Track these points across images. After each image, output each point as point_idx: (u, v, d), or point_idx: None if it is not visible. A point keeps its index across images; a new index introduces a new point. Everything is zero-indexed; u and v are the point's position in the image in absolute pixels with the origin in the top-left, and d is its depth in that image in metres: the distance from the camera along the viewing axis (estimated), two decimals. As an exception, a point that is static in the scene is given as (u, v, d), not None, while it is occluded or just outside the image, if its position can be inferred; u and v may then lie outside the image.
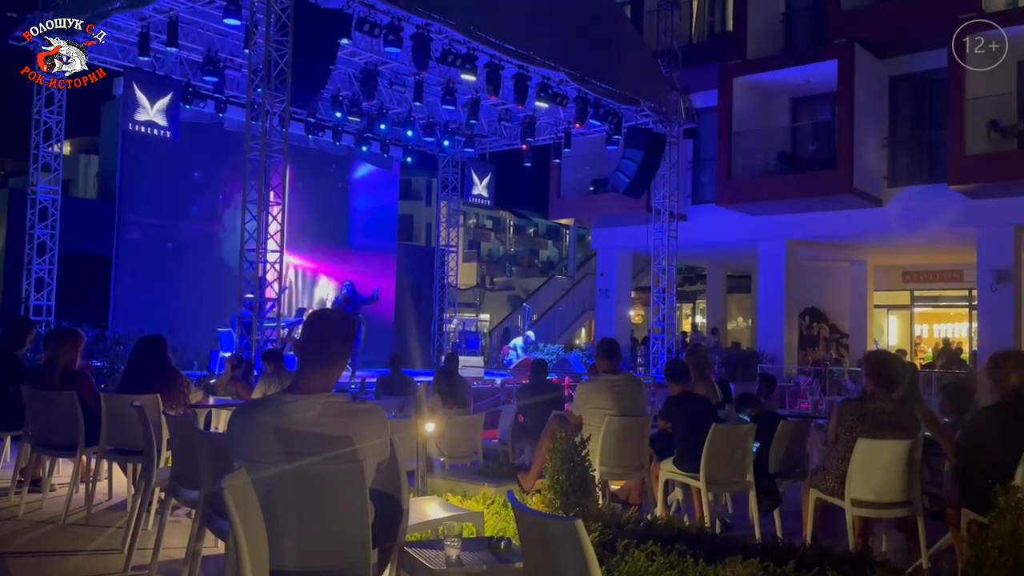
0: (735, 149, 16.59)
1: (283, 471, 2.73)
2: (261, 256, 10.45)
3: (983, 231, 14.71)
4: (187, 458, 4.23)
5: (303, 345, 2.88)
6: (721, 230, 17.60)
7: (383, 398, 8.37)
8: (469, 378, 11.65)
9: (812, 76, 16.19)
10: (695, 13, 19.03)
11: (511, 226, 45.01)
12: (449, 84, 13.91)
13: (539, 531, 2.29)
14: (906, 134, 16.30)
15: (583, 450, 4.95)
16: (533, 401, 7.80)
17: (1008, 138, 14.29)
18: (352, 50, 12.58)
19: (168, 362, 5.93)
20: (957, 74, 14.06)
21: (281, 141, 10.66)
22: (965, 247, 15.44)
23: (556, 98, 14.15)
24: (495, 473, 6.33)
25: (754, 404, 6.74)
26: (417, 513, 4.09)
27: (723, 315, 22.75)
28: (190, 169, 14.99)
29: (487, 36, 12.23)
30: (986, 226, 14.64)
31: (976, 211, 14.61)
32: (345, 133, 16.46)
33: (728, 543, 4.62)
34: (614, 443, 5.80)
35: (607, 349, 6.16)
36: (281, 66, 10.37)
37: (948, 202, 14.80)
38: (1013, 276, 14.37)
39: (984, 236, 14.72)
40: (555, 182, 20.11)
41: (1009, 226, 14.49)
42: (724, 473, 5.61)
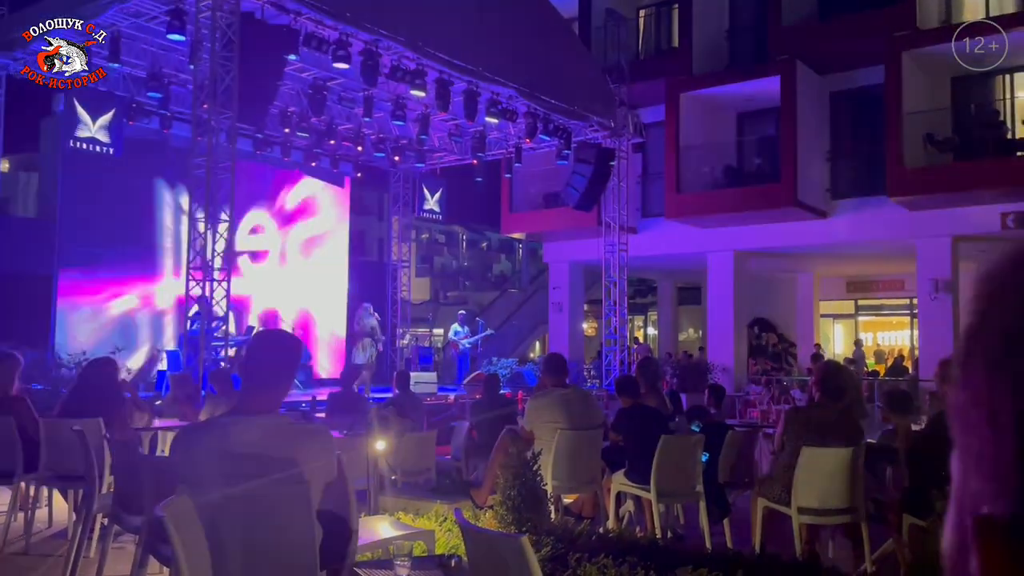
0: (683, 163, 16.85)
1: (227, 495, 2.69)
2: (208, 274, 10.28)
3: (922, 242, 15.16)
4: (129, 483, 4.13)
5: (247, 366, 2.85)
6: (670, 243, 17.84)
7: (334, 416, 8.27)
8: (422, 394, 11.58)
9: (756, 91, 16.55)
10: (642, 29, 19.33)
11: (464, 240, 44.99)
12: (399, 100, 13.90)
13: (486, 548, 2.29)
14: (847, 148, 16.74)
15: (534, 465, 4.97)
16: (486, 417, 7.79)
17: (944, 152, 14.77)
18: (300, 66, 12.50)
19: (114, 386, 5.79)
20: (894, 90, 14.52)
21: (228, 157, 10.52)
22: (906, 257, 15.89)
23: (506, 114, 14.22)
24: (448, 490, 6.31)
25: (703, 415, 6.83)
26: (368, 533, 4.06)
27: (674, 327, 23.03)
28: (134, 186, 14.69)
29: (436, 52, 12.26)
30: (925, 237, 15.08)
31: (915, 222, 15.05)
32: (294, 149, 16.31)
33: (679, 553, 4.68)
34: (566, 457, 5.82)
35: (553, 364, 6.20)
36: (227, 82, 10.24)
37: (888, 214, 15.22)
38: (951, 285, 14.82)
39: (923, 246, 15.17)
40: (507, 197, 20.19)
41: (946, 236, 14.95)
42: (674, 484, 5.67)
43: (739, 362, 17.18)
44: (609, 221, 16.86)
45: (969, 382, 0.36)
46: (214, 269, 10.38)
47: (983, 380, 0.36)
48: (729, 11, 17.86)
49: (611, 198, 16.65)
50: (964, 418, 0.36)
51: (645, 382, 6.71)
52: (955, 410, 0.37)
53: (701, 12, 17.26)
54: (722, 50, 17.64)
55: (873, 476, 5.68)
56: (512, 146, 16.78)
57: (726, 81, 16.78)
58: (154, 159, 14.67)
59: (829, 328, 21.53)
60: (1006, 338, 0.36)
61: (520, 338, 25.92)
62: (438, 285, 39.14)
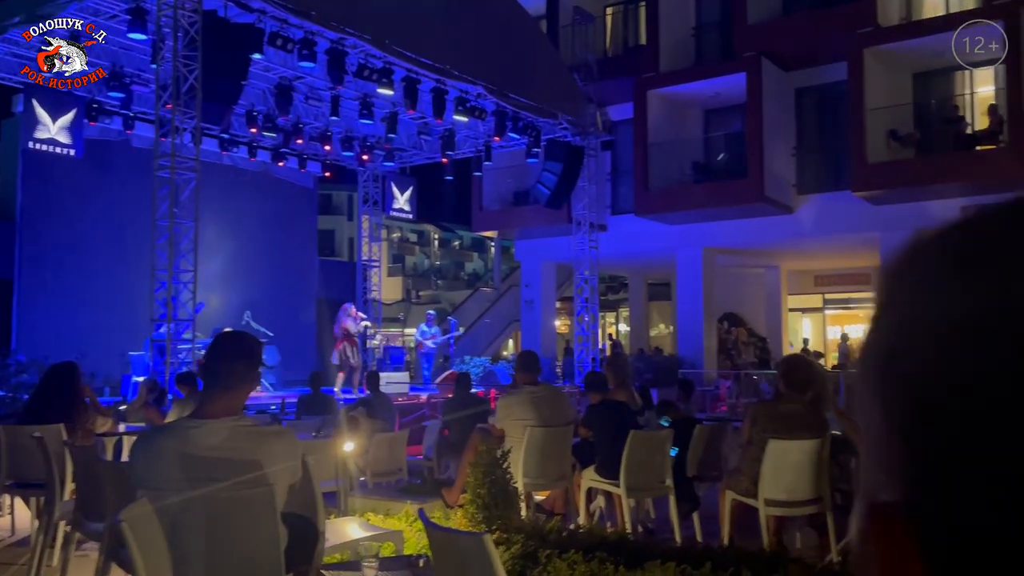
0: (651, 160, 16.94)
1: (189, 499, 2.66)
2: (174, 276, 10.15)
3: (885, 235, 15.37)
4: (91, 489, 4.07)
5: (207, 368, 2.82)
6: (640, 239, 17.93)
7: (303, 418, 8.22)
8: (393, 394, 11.54)
9: (723, 88, 16.68)
10: (609, 27, 19.40)
11: (436, 239, 44.88)
12: (366, 98, 13.82)
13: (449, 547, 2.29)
14: (812, 144, 16.93)
15: (504, 463, 4.97)
16: (457, 416, 7.78)
17: (906, 147, 14.99)
18: (266, 65, 12.38)
19: (76, 391, 5.70)
20: (857, 86, 14.71)
21: (192, 158, 10.40)
22: (871, 251, 16.11)
23: (474, 112, 14.20)
24: (419, 490, 6.29)
25: (672, 410, 6.87)
26: (336, 534, 4.04)
27: (645, 322, 23.15)
28: (96, 187, 14.45)
29: (403, 50, 12.20)
30: (888, 230, 15.30)
31: (878, 216, 15.26)
32: (261, 149, 16.16)
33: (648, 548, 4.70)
34: (536, 454, 5.83)
35: (526, 362, 6.21)
36: (191, 81, 10.12)
37: (853, 208, 15.42)
38: (915, 278, 15.01)
39: (886, 240, 15.38)
40: (477, 195, 20.17)
41: (909, 230, 14.99)
42: (644, 479, 5.70)
43: (709, 357, 17.31)
44: (579, 219, 16.91)
45: (865, 376, 0.38)
46: (180, 271, 10.26)
47: (875, 374, 0.37)
48: (695, 9, 17.99)
49: (581, 195, 16.70)
50: (863, 411, 0.38)
51: (614, 378, 6.74)
52: (858, 404, 0.39)
53: (667, 10, 17.35)
54: (689, 47, 17.76)
55: (839, 467, 5.75)
56: (482, 144, 16.77)
57: (693, 78, 16.90)
58: (117, 160, 14.46)
59: (798, 322, 21.78)
60: (895, 334, 0.37)
61: (493, 336, 25.89)
62: (410, 284, 39.00)
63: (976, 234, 0.39)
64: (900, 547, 0.36)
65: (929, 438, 0.36)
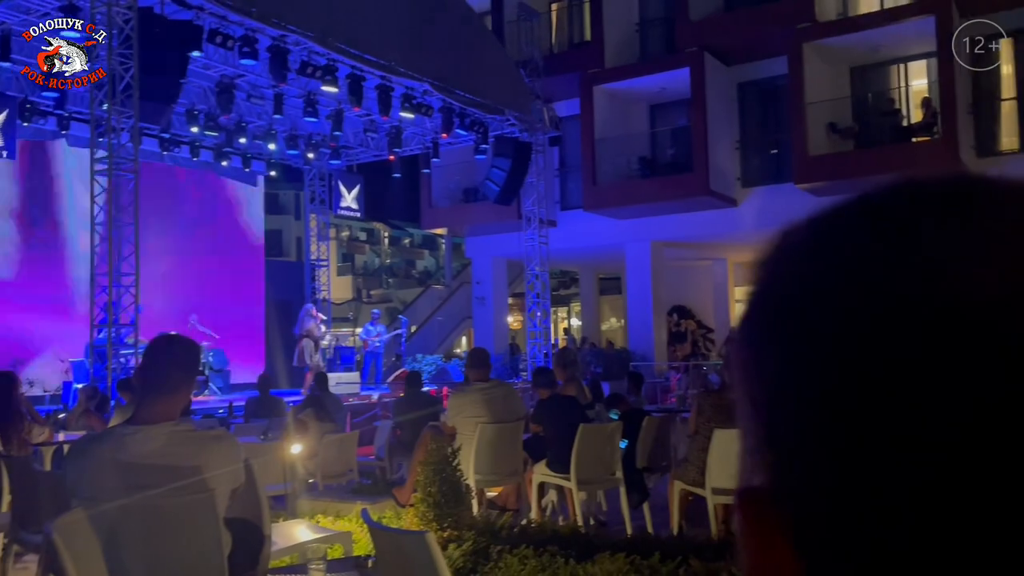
0: (598, 155, 17.05)
1: (127, 507, 2.60)
2: (114, 280, 9.90)
3: (828, 226, 15.70)
4: (28, 500, 3.96)
5: (143, 373, 2.76)
6: (589, 234, 18.04)
7: (252, 421, 8.10)
8: (344, 395, 11.44)
9: (667, 83, 16.85)
10: (554, 23, 19.45)
11: (386, 237, 44.53)
12: (310, 96, 13.64)
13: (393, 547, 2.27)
14: (755, 137, 17.21)
15: (454, 460, 4.96)
16: (408, 414, 7.74)
17: (845, 139, 15.33)
18: (205, 62, 12.13)
19: (12, 401, 5.52)
20: (797, 80, 15.00)
21: (131, 158, 10.15)
22: (814, 242, 16.41)
23: (421, 108, 14.12)
24: (370, 491, 6.26)
25: (622, 402, 6.94)
26: (284, 538, 3.99)
27: (596, 317, 23.31)
28: (32, 190, 14.02)
29: (347, 47, 12.07)
30: (830, 221, 15.63)
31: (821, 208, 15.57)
32: (203, 148, 15.83)
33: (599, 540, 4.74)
34: (488, 450, 5.84)
35: (476, 359, 6.21)
36: (127, 80, 9.88)
37: (796, 200, 15.69)
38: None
39: (829, 231, 15.72)
40: (426, 192, 20.06)
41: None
42: (594, 472, 5.75)
43: (659, 349, 17.51)
44: (529, 214, 16.94)
45: (735, 363, 0.38)
46: (121, 274, 10.01)
47: (741, 363, 0.38)
48: (639, 4, 18.13)
49: (530, 191, 16.73)
50: (736, 394, 0.38)
51: (563, 372, 6.78)
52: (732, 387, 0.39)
53: (611, 6, 17.47)
54: (633, 43, 17.90)
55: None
56: (429, 141, 16.69)
57: (638, 74, 17.04)
58: (53, 161, 14.05)
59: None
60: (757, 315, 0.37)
61: (445, 334, 25.80)
62: (360, 283, 38.66)
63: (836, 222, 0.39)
64: (768, 534, 0.36)
65: (786, 423, 0.36)
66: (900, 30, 14.48)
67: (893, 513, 0.33)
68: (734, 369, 0.39)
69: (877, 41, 14.93)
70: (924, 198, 0.37)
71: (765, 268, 0.40)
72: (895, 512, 0.33)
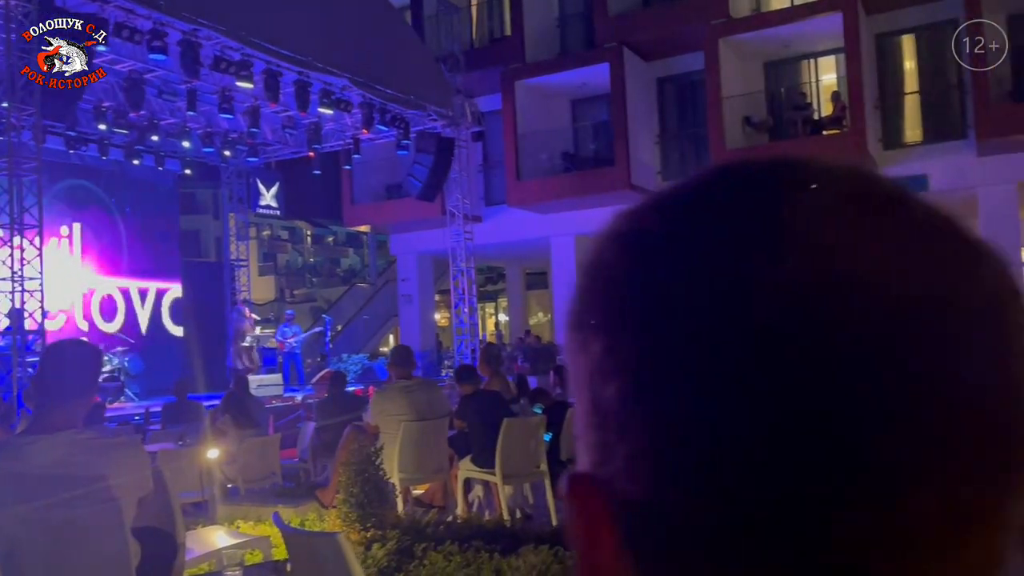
0: (521, 150, 17.11)
1: (26, 519, 2.49)
2: (18, 286, 9.46)
3: (745, 218, 16.14)
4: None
5: (40, 381, 2.65)
6: (515, 229, 18.10)
7: (168, 427, 7.86)
8: (266, 397, 11.20)
9: (588, 78, 17.02)
10: (475, 18, 19.43)
11: (309, 236, 43.76)
12: (225, 92, 13.25)
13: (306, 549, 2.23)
14: (674, 131, 17.55)
15: (377, 460, 4.92)
16: (332, 415, 7.63)
17: (760, 132, 15.78)
18: (112, 57, 11.67)
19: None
20: (713, 75, 15.35)
21: (34, 157, 9.71)
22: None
23: (340, 104, 13.89)
24: (293, 494, 6.16)
25: (545, 396, 6.99)
26: (201, 545, 3.90)
27: (524, 312, 23.43)
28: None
29: (261, 42, 11.79)
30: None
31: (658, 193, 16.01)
32: (112, 147, 15.24)
33: (524, 533, 4.77)
34: (412, 448, 5.80)
35: (399, 356, 6.17)
36: (28, 75, 9.43)
37: (714, 193, 16.11)
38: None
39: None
40: (348, 189, 19.79)
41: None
42: (519, 466, 5.77)
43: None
44: (453, 210, 16.88)
45: (567, 347, 0.40)
46: (25, 279, 9.57)
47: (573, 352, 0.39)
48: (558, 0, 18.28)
49: (454, 187, 16.67)
50: (571, 379, 0.38)
51: (488, 368, 6.78)
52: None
53: (531, 1, 17.54)
54: (554, 38, 18.02)
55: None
56: (350, 137, 16.44)
57: (558, 69, 17.16)
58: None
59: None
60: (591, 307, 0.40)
61: (371, 332, 25.54)
62: (283, 283, 37.92)
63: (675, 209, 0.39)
64: (594, 519, 0.35)
65: (597, 408, 0.35)
66: (810, 26, 14.96)
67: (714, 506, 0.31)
68: (566, 353, 0.39)
69: (788, 37, 15.40)
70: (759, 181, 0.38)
71: (594, 255, 0.42)
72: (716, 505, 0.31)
